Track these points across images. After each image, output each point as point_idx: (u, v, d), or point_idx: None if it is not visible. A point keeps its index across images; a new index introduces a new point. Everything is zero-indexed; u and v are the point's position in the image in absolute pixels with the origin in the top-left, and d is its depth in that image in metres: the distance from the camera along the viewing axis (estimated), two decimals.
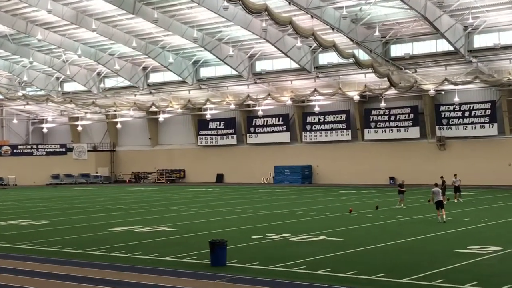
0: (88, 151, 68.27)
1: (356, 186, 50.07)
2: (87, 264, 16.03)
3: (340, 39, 44.06)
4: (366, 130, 54.29)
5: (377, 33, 41.71)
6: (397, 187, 30.75)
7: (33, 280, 14.15)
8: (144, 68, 59.73)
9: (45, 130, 73.78)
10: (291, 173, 57.12)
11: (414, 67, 47.94)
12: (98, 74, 62.59)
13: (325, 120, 56.30)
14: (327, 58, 50.47)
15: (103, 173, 68.07)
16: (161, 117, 63.72)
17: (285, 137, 58.70)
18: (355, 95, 51.30)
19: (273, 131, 59.33)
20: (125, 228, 23.92)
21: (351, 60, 44.52)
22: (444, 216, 24.05)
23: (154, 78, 61.29)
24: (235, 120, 61.68)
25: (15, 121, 71.55)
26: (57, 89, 66.48)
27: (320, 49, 45.65)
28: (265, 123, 59.68)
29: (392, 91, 50.25)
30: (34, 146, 68.34)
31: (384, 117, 53.22)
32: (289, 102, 55.43)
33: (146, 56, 54.45)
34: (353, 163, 54.63)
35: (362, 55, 47.02)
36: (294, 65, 51.70)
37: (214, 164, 62.60)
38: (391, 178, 52.28)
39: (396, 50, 48.53)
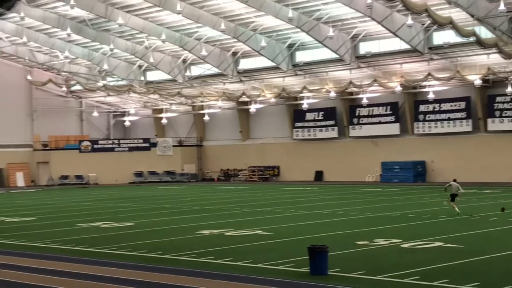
0: (174, 146, 69.84)
1: (478, 185, 48.66)
2: (173, 270, 16.42)
3: (458, 15, 42.91)
4: (489, 120, 52.71)
5: (502, 7, 40.29)
6: None
7: (114, 287, 14.65)
8: (234, 54, 60.42)
9: (127, 123, 75.99)
10: (401, 170, 56.28)
11: None
12: (184, 61, 63.87)
13: (441, 109, 55.08)
14: (443, 37, 49.33)
15: (189, 171, 69.47)
16: (253, 108, 64.26)
17: (394, 128, 57.89)
18: (476, 79, 49.89)
19: (379, 122, 58.62)
20: (214, 231, 24.33)
21: (471, 39, 43.32)
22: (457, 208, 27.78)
23: (244, 64, 61.93)
24: (336, 110, 61.40)
25: (95, 114, 74.19)
26: (140, 78, 68.39)
27: (435, 27, 44.65)
28: (370, 113, 59.06)
29: None
30: (116, 141, 70.54)
31: (511, 105, 51.48)
32: (399, 89, 54.55)
33: (235, 40, 55.08)
34: (474, 158, 53.18)
35: (485, 33, 45.62)
36: (404, 46, 50.83)
37: (312, 160, 62.58)
38: None
39: None
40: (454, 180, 29.52)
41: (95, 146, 69.25)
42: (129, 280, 15.35)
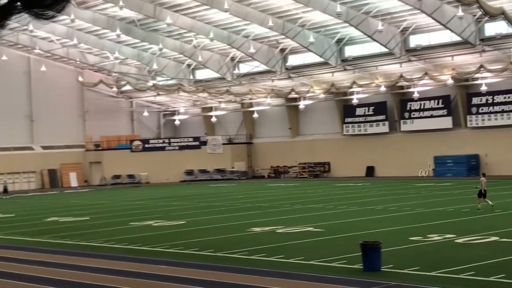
0: (223, 144, 70.15)
1: None
2: (226, 268, 16.51)
3: (510, 5, 42.09)
4: None
5: None
6: None
7: (168, 285, 14.81)
8: (282, 50, 60.38)
9: (177, 122, 76.73)
10: (455, 164, 55.52)
11: None
12: (232, 59, 64.09)
13: (495, 101, 54.11)
14: (495, 28, 48.47)
15: (239, 168, 69.69)
16: (302, 104, 64.19)
17: (446, 122, 57.11)
18: None
19: (431, 116, 57.91)
20: (265, 228, 24.38)
21: None
22: (480, 205, 27.54)
23: (293, 60, 61.84)
24: (386, 104, 60.86)
25: (145, 113, 75.08)
26: (189, 77, 68.91)
27: (486, 18, 43.86)
28: (422, 107, 58.38)
29: None
30: (166, 140, 71.25)
31: None
32: (450, 82, 53.82)
33: (283, 37, 55.05)
34: None
35: None
36: (455, 38, 50.11)
37: (363, 155, 62.18)
38: None
39: None
40: (483, 175, 29.02)
41: (146, 145, 70.05)
42: (182, 278, 15.50)
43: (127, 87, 72.81)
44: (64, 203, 44.66)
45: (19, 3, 10.51)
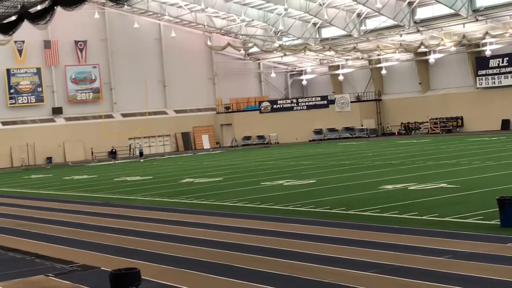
0: (351, 102, 69.63)
1: None
2: (358, 226, 16.53)
3: None
4: None
5: None
6: None
7: (302, 243, 14.99)
8: (410, 3, 58.80)
9: (304, 82, 76.81)
10: None
11: None
12: (358, 15, 63.14)
13: None
14: None
15: (368, 126, 69.01)
16: (432, 58, 62.52)
17: None
18: None
19: None
20: (397, 186, 24.11)
21: None
22: None
23: (421, 13, 60.17)
24: None
25: (273, 74, 75.60)
26: (315, 36, 68.57)
27: None
28: None
29: None
30: (294, 100, 71.61)
31: None
32: None
33: None
34: None
35: None
36: None
37: (497, 108, 59.93)
38: None
39: None
40: None
41: (275, 106, 70.69)
42: (315, 236, 15.62)
43: (254, 49, 73.46)
44: (197, 165, 46.00)
45: None
